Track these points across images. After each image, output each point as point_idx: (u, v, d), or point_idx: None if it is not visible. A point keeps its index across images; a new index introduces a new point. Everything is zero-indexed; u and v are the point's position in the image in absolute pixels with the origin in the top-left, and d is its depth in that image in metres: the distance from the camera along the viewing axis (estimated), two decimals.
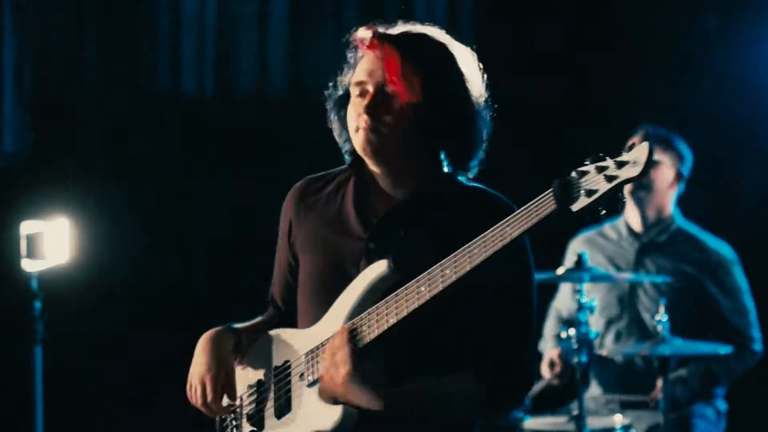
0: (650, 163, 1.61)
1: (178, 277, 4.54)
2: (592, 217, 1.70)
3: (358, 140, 1.99)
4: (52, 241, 3.92)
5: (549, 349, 3.89)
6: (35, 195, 4.30)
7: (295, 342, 2.04)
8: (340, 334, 1.90)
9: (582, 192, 1.66)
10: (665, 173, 3.88)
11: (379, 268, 1.90)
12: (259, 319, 2.18)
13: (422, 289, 1.82)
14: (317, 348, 1.95)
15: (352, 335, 1.89)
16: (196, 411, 2.10)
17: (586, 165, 1.68)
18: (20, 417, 4.00)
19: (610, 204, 1.67)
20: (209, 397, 2.02)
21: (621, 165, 1.64)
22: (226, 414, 2.09)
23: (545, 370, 3.83)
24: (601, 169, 1.66)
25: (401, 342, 1.89)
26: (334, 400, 1.89)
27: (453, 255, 1.80)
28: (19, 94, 4.70)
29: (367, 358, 1.88)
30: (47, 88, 4.84)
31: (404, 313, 1.83)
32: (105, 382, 4.45)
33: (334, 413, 1.87)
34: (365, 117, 1.96)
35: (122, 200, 4.59)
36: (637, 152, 1.63)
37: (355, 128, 1.99)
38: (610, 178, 1.64)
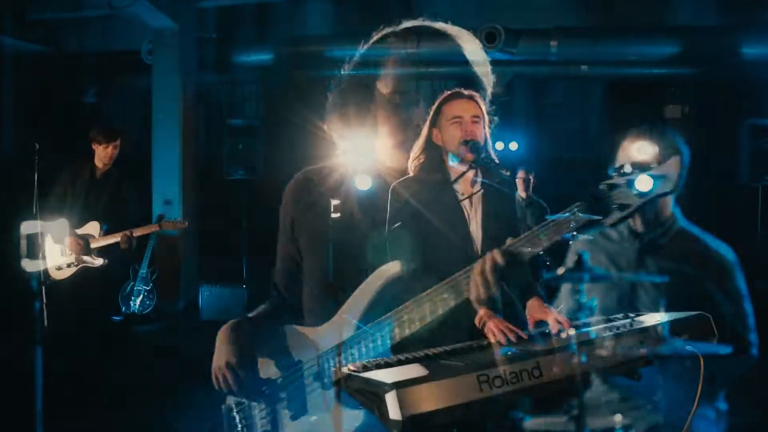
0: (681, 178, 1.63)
1: (176, 277, 4.54)
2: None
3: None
4: (52, 241, 3.92)
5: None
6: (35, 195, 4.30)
7: (306, 341, 2.03)
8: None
9: (615, 206, 1.67)
10: None
11: (393, 267, 1.90)
12: (263, 307, 2.22)
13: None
14: (330, 351, 1.94)
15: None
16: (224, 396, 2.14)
17: (614, 177, 1.67)
18: (20, 417, 4.00)
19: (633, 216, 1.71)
20: (233, 385, 2.05)
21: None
22: (256, 398, 2.10)
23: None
24: (630, 183, 1.65)
25: None
26: (358, 404, 1.89)
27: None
28: (19, 94, 4.71)
29: None
30: (49, 89, 4.85)
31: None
32: (105, 382, 4.46)
33: (356, 418, 1.87)
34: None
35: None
36: (668, 166, 1.66)
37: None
38: (642, 194, 1.65)
